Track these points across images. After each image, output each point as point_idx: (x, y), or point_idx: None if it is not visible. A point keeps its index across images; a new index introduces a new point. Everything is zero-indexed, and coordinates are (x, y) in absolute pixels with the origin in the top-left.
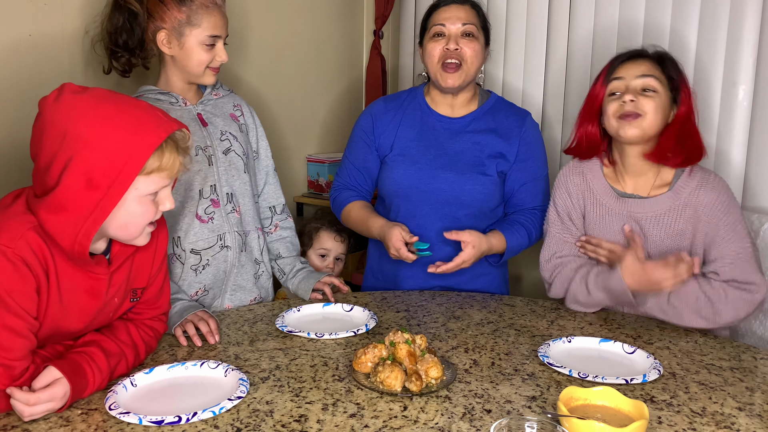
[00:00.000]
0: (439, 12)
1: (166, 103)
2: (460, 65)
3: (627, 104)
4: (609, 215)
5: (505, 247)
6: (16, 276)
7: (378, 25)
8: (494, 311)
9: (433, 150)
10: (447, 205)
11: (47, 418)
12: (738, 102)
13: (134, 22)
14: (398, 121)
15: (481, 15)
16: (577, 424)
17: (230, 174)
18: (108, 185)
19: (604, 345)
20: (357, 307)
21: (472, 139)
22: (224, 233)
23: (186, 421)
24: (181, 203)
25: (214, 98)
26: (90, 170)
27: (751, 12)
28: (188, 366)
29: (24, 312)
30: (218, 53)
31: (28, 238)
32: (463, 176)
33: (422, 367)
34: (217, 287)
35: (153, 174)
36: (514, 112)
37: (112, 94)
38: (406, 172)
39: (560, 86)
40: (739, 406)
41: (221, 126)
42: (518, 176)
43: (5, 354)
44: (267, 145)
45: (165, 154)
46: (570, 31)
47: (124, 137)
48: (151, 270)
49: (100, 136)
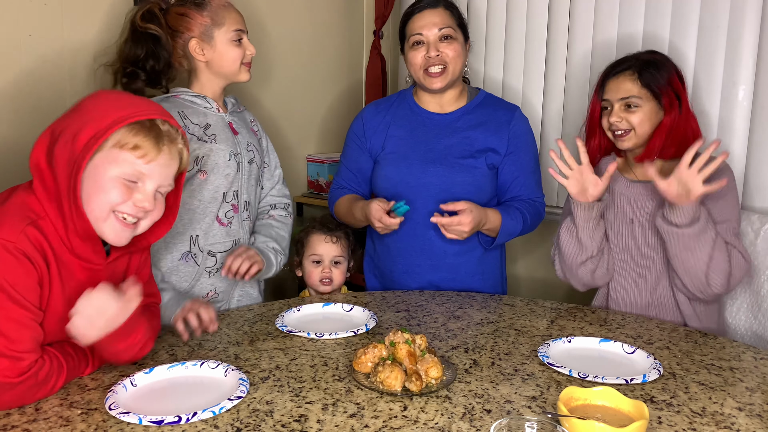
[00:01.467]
0: (415, 20)
1: (201, 107)
2: (443, 69)
3: (614, 124)
4: (619, 200)
5: (499, 226)
6: (19, 269)
7: (378, 25)
8: (494, 311)
9: (423, 146)
10: (439, 199)
11: (47, 418)
12: (738, 102)
13: (158, 46)
14: (388, 122)
15: (456, 13)
16: (577, 424)
17: (250, 183)
18: (83, 144)
19: (604, 345)
20: (357, 307)
21: (462, 134)
22: (239, 239)
23: (186, 421)
24: (204, 203)
25: (238, 111)
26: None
27: (751, 13)
28: (188, 366)
29: (28, 303)
30: (247, 47)
31: (28, 232)
32: (453, 169)
33: (422, 367)
34: (227, 292)
35: (126, 150)
36: (503, 107)
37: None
38: (398, 167)
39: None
40: (739, 406)
41: (247, 137)
42: (510, 169)
43: (12, 346)
44: (276, 157)
45: (141, 132)
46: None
47: (108, 110)
48: (138, 261)
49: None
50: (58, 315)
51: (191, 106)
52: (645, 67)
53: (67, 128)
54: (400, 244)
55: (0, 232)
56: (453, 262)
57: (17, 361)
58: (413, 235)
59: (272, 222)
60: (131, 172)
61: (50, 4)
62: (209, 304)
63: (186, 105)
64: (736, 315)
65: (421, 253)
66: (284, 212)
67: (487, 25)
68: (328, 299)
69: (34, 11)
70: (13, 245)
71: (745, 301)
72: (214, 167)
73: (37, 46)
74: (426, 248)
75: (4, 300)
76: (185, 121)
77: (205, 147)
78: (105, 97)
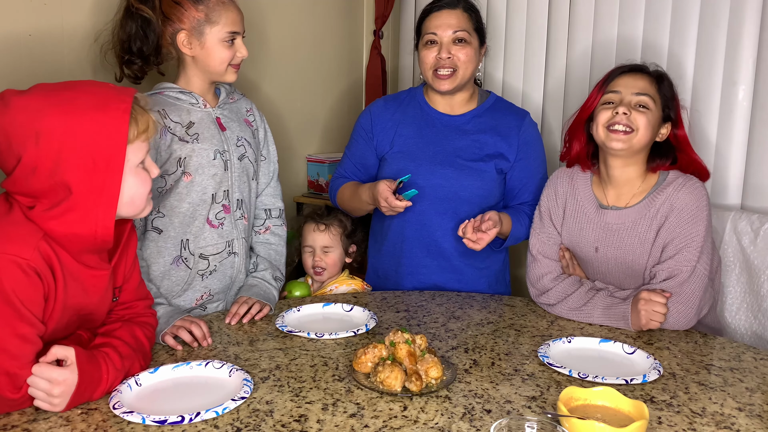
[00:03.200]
0: (431, 19)
1: (186, 103)
2: (453, 72)
3: (619, 116)
4: (588, 224)
5: (509, 231)
6: (29, 286)
7: (378, 25)
8: (494, 311)
9: (432, 147)
10: (446, 201)
11: (47, 417)
12: (738, 102)
13: (148, 29)
14: (398, 119)
15: (474, 17)
16: (577, 424)
17: (242, 180)
18: (106, 162)
19: (604, 345)
20: (357, 307)
21: (472, 137)
22: (233, 239)
23: (189, 421)
24: (192, 206)
25: (230, 102)
26: (85, 152)
27: (751, 12)
28: (193, 366)
29: (35, 319)
30: (239, 49)
31: (41, 248)
32: (462, 172)
33: (422, 367)
34: (223, 293)
35: (136, 141)
36: (513, 112)
37: (56, 84)
38: (405, 167)
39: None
40: (739, 406)
41: (237, 131)
42: (519, 176)
43: (13, 362)
44: (275, 150)
45: (138, 117)
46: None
47: (95, 115)
48: (125, 268)
49: (74, 123)
50: (54, 321)
51: (175, 103)
52: (660, 76)
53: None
54: (405, 244)
55: (12, 247)
56: (458, 264)
57: (15, 378)
58: (418, 236)
59: (270, 238)
60: (142, 155)
61: (50, 4)
62: (201, 320)
63: (168, 102)
64: (736, 315)
65: (427, 254)
66: (279, 221)
67: (486, 24)
68: (328, 299)
69: (34, 11)
70: (27, 263)
71: (745, 301)
72: (198, 168)
73: (37, 46)
74: (432, 249)
75: (12, 317)
76: (165, 120)
77: (187, 147)
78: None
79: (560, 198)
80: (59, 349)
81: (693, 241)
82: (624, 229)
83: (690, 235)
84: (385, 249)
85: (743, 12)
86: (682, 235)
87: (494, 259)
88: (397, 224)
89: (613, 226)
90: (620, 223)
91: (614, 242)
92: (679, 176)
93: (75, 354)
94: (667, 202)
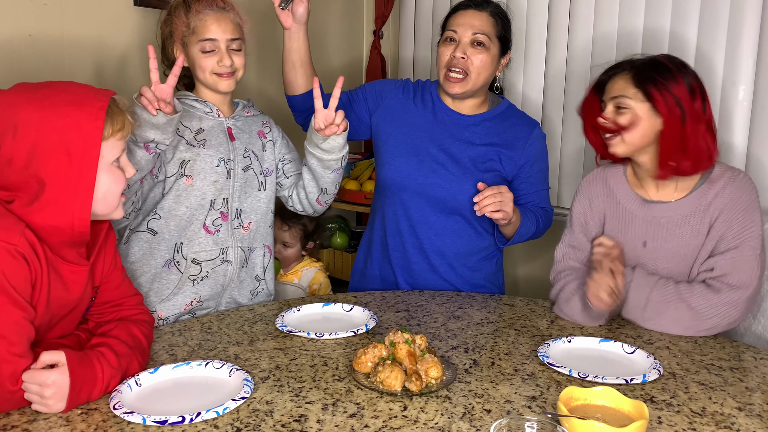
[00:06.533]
0: (456, 16)
1: (200, 111)
2: (464, 76)
3: (601, 124)
4: (632, 220)
5: (517, 227)
6: (19, 272)
7: (378, 25)
8: (494, 311)
9: (437, 144)
10: (444, 202)
11: (47, 417)
12: (738, 102)
13: (167, 41)
14: (408, 109)
15: (501, 24)
16: (577, 424)
17: (244, 191)
18: (81, 156)
19: (604, 345)
20: (357, 307)
21: (479, 141)
22: (227, 247)
23: (190, 421)
24: (190, 210)
25: (245, 115)
26: (60, 146)
27: (751, 12)
28: (193, 366)
29: (27, 304)
30: (220, 58)
31: (27, 235)
32: (464, 175)
33: (422, 367)
34: (213, 300)
35: (111, 138)
36: (523, 122)
37: (36, 83)
38: (408, 162)
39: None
40: (739, 406)
41: (246, 143)
42: (522, 185)
43: (12, 348)
44: (297, 155)
45: (114, 116)
46: (570, 33)
47: (72, 111)
48: (104, 267)
49: (50, 116)
50: (40, 314)
51: (189, 110)
52: (643, 67)
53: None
54: (399, 244)
55: (0, 233)
56: (452, 264)
57: (16, 364)
58: (413, 235)
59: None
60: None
61: (50, 4)
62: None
63: (183, 109)
64: None
65: (419, 253)
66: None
67: None
68: (328, 299)
69: (34, 11)
70: (15, 248)
71: None
72: (199, 172)
73: (37, 46)
74: (425, 249)
75: (6, 303)
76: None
77: (192, 151)
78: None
79: (596, 203)
80: (49, 355)
81: (750, 237)
82: (673, 222)
83: (747, 229)
84: (375, 250)
85: (743, 12)
86: (738, 229)
87: (489, 261)
88: (392, 220)
89: (662, 219)
90: (669, 216)
91: (664, 236)
92: (727, 170)
93: (65, 357)
94: (719, 196)
